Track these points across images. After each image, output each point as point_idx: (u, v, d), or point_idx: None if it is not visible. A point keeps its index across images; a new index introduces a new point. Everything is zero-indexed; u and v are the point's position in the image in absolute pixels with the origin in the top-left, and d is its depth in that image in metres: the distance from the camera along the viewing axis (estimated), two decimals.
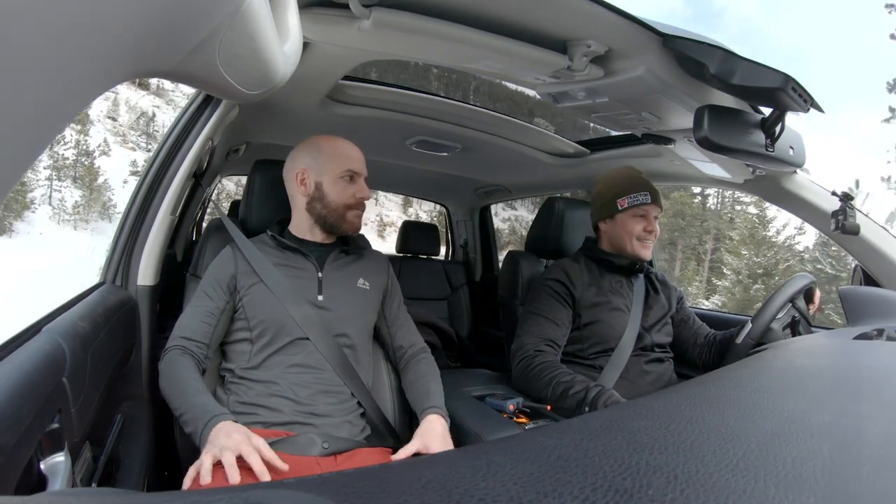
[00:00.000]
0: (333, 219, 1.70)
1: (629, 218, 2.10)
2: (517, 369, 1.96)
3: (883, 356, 1.13)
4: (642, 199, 2.08)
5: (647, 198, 2.08)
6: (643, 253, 2.09)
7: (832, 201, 1.95)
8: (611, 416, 0.69)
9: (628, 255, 2.11)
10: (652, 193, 2.08)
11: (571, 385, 1.77)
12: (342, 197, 1.69)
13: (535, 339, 1.97)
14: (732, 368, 1.05)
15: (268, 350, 1.58)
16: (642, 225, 2.08)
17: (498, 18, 1.38)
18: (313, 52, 1.57)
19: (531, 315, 2.06)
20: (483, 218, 4.32)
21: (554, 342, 1.98)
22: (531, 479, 0.47)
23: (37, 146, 0.31)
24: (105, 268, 1.65)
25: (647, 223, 2.08)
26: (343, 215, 1.71)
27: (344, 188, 1.69)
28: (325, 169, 1.69)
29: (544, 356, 1.92)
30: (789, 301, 1.92)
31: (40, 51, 0.27)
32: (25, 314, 1.46)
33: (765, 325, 1.87)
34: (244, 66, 0.46)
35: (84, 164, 59.97)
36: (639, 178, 2.14)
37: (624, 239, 2.11)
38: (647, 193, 2.08)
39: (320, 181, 1.69)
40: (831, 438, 0.58)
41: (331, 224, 1.72)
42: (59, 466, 0.90)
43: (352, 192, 1.70)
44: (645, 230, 2.08)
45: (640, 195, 2.08)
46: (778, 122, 1.56)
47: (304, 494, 0.42)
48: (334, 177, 1.69)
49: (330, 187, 1.69)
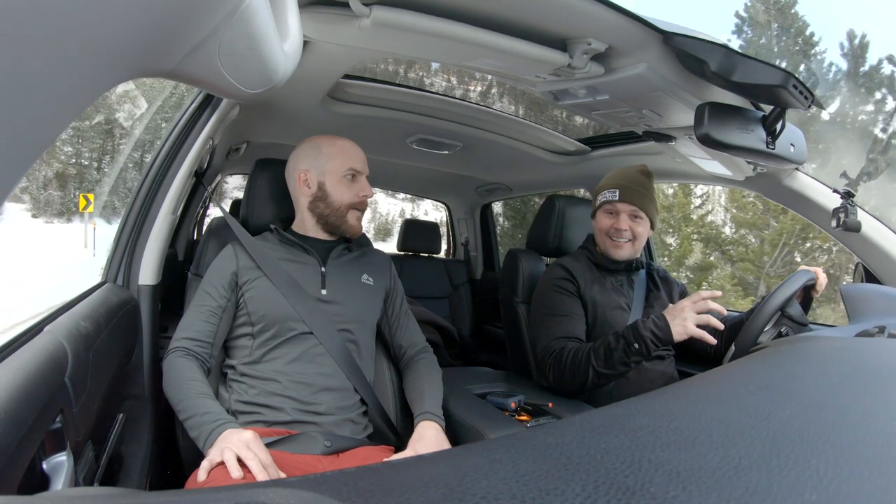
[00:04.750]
0: (335, 218, 1.71)
1: (601, 215, 2.11)
2: (552, 374, 1.92)
3: (885, 353, 1.13)
4: (609, 195, 2.07)
5: (615, 194, 2.05)
6: (614, 252, 2.07)
7: (833, 198, 1.95)
8: (612, 413, 0.69)
9: (604, 253, 2.11)
10: (623, 190, 2.05)
11: (606, 342, 1.78)
12: (345, 196, 1.69)
13: (556, 339, 1.94)
14: (734, 366, 1.05)
15: (269, 344, 1.58)
16: (612, 222, 2.07)
17: (498, 17, 1.38)
18: (314, 50, 1.56)
19: (545, 317, 2.04)
20: (484, 216, 4.31)
21: (575, 336, 1.96)
22: (533, 477, 0.47)
23: (38, 146, 0.31)
24: (106, 267, 1.65)
25: (616, 221, 2.06)
26: (345, 215, 1.71)
27: (347, 187, 1.70)
28: (326, 168, 1.69)
29: (570, 345, 1.90)
30: (778, 311, 1.79)
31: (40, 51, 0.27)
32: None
33: (749, 345, 1.74)
34: (244, 65, 0.46)
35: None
36: (619, 174, 2.11)
37: (600, 237, 2.12)
38: (616, 190, 2.05)
39: (323, 181, 1.69)
40: (833, 436, 0.58)
41: (333, 224, 1.72)
42: (61, 466, 0.90)
43: (355, 190, 1.70)
44: (614, 227, 2.06)
45: (608, 192, 2.08)
46: (779, 119, 1.55)
47: (305, 493, 0.42)
48: (337, 176, 1.69)
49: (333, 187, 1.69)
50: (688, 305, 1.66)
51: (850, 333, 1.43)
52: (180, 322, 1.60)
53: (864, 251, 2.01)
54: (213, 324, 1.58)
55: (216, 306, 1.60)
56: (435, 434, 1.56)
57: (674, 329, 1.65)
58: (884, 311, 1.64)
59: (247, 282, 1.62)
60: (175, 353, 1.53)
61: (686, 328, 1.63)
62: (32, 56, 0.26)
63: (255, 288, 1.61)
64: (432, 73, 52.65)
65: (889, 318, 1.53)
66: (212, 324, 1.58)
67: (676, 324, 1.65)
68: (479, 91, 47.48)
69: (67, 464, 0.91)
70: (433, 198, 4.68)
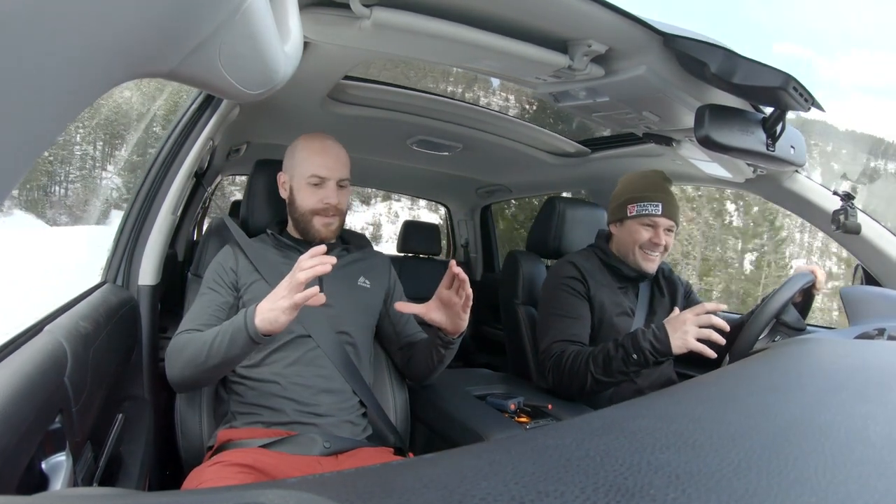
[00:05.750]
0: (303, 224, 1.68)
1: (637, 226, 2.00)
2: (552, 376, 1.91)
3: (884, 355, 1.13)
4: (652, 209, 1.97)
5: (658, 209, 1.96)
6: (646, 265, 2.00)
7: (833, 200, 1.95)
8: (612, 415, 0.69)
9: (631, 263, 2.03)
10: (665, 204, 1.97)
11: (606, 349, 1.76)
12: (308, 202, 1.66)
13: (559, 341, 1.92)
14: (733, 368, 1.05)
15: (269, 347, 1.57)
16: (649, 235, 1.97)
17: (498, 18, 1.38)
18: (314, 51, 1.56)
19: (551, 317, 2.01)
20: (484, 217, 4.31)
21: (578, 338, 1.93)
22: (532, 479, 0.47)
23: (38, 146, 0.32)
24: (106, 267, 1.65)
25: (654, 234, 1.97)
26: (310, 221, 1.67)
27: (311, 193, 1.66)
28: (295, 172, 1.68)
29: (571, 348, 1.88)
30: (773, 319, 1.75)
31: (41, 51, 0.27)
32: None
33: (744, 356, 1.61)
34: (245, 66, 0.46)
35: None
36: (657, 184, 2.02)
37: (629, 247, 2.02)
38: (659, 204, 1.96)
39: (293, 185, 1.68)
40: (833, 438, 0.58)
41: (303, 229, 1.70)
42: (60, 466, 0.90)
43: (318, 196, 1.66)
44: (651, 241, 1.97)
45: (650, 205, 1.97)
46: (779, 121, 1.55)
47: (303, 494, 0.42)
48: (302, 181, 1.66)
49: (298, 192, 1.67)
50: (690, 318, 1.62)
51: (849, 336, 1.44)
52: (186, 314, 1.58)
53: (864, 253, 2.01)
54: (219, 318, 1.55)
55: (223, 301, 1.59)
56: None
57: (673, 343, 1.63)
58: (883, 314, 1.64)
59: (245, 284, 1.62)
60: (181, 334, 1.50)
61: (686, 342, 1.61)
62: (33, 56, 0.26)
63: (253, 290, 1.61)
64: (451, 81, 50.73)
65: (889, 321, 1.53)
66: (218, 318, 1.55)
67: (676, 337, 1.63)
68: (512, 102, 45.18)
69: (66, 464, 0.91)
70: (433, 199, 4.68)
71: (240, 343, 1.34)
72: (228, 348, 1.35)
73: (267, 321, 1.31)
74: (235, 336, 1.35)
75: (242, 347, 1.35)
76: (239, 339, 1.34)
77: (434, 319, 1.56)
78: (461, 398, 1.90)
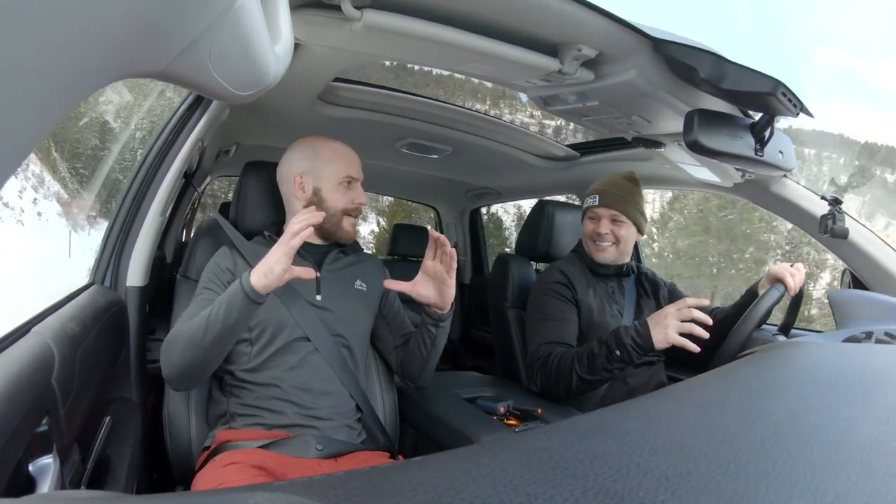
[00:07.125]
0: (330, 224, 1.68)
1: (585, 220, 2.18)
2: (539, 378, 1.94)
3: (871, 359, 1.14)
4: (591, 201, 2.13)
5: (595, 200, 2.11)
6: (598, 255, 2.12)
7: (821, 205, 1.97)
8: (601, 418, 0.69)
9: (591, 258, 2.15)
10: (602, 195, 2.09)
11: (590, 348, 1.78)
12: (340, 203, 1.67)
13: (544, 344, 1.95)
14: (722, 371, 1.06)
15: (268, 350, 1.56)
16: (593, 227, 2.12)
17: (489, 22, 1.38)
18: (304, 53, 1.56)
19: (538, 321, 2.05)
20: (473, 220, 4.31)
21: (565, 341, 1.96)
22: (521, 482, 0.47)
23: (26, 145, 0.31)
24: (94, 269, 1.63)
25: (597, 225, 2.10)
26: (339, 222, 1.69)
27: (343, 194, 1.68)
28: (323, 174, 1.66)
29: (557, 350, 1.90)
30: (746, 338, 1.72)
31: (29, 51, 0.27)
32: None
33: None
34: (235, 66, 0.46)
35: None
36: (606, 181, 2.16)
37: (585, 241, 2.18)
38: (596, 196, 2.11)
39: (318, 186, 1.66)
40: (821, 441, 0.58)
41: (327, 230, 1.70)
42: (47, 468, 0.89)
43: (350, 196, 1.69)
44: (595, 231, 2.11)
45: (590, 199, 2.14)
46: (768, 126, 1.56)
47: (293, 497, 0.42)
48: (333, 182, 1.67)
49: (328, 193, 1.67)
50: (671, 312, 1.64)
51: (837, 339, 1.45)
52: (181, 315, 1.55)
53: (852, 257, 2.03)
54: None
55: None
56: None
57: (654, 337, 1.65)
58: (871, 317, 1.65)
59: None
60: (175, 329, 1.48)
61: (667, 336, 1.62)
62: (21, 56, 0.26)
63: None
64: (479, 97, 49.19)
65: (876, 324, 1.54)
66: None
67: (658, 332, 1.64)
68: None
69: (54, 466, 0.90)
70: (422, 202, 4.68)
71: (237, 305, 1.35)
72: (227, 315, 1.35)
73: (261, 274, 1.33)
74: (232, 300, 1.35)
75: (240, 310, 1.35)
76: (236, 301, 1.35)
77: (422, 294, 1.62)
78: (450, 401, 1.90)
